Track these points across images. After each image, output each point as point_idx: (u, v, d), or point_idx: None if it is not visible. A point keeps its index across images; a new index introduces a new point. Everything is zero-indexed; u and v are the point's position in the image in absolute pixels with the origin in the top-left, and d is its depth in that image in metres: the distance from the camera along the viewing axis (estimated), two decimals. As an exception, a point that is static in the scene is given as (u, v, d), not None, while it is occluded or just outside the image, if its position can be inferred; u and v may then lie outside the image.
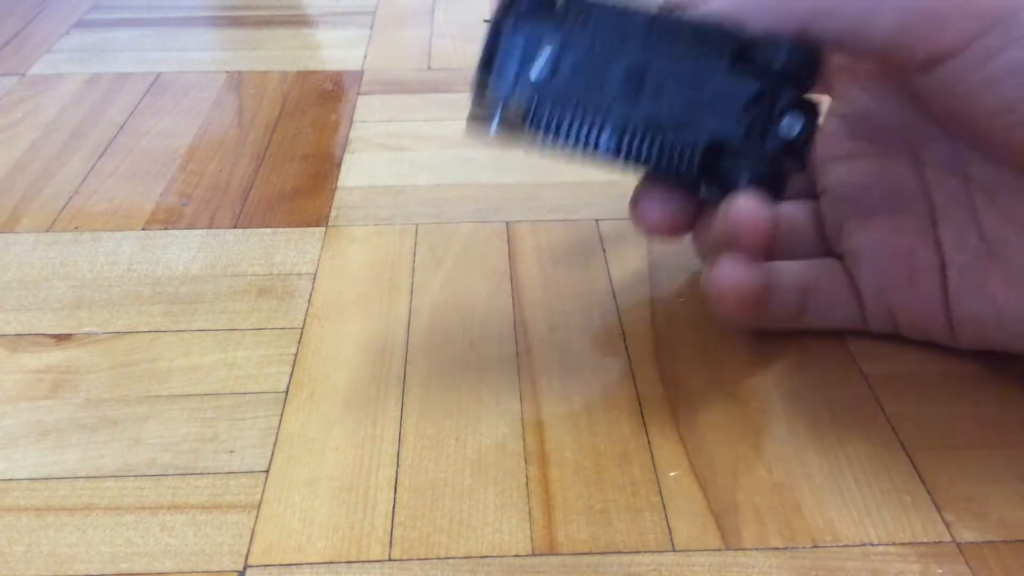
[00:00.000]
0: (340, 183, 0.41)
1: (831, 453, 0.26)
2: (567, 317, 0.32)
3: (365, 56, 0.55)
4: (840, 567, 0.23)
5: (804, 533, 0.24)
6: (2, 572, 0.23)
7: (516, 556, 0.24)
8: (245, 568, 0.23)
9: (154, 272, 0.35)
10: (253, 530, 0.24)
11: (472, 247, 0.36)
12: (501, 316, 0.32)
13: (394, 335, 0.31)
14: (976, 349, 0.29)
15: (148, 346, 0.31)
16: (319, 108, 0.48)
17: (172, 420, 0.28)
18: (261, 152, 0.44)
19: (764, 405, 0.28)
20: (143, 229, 0.38)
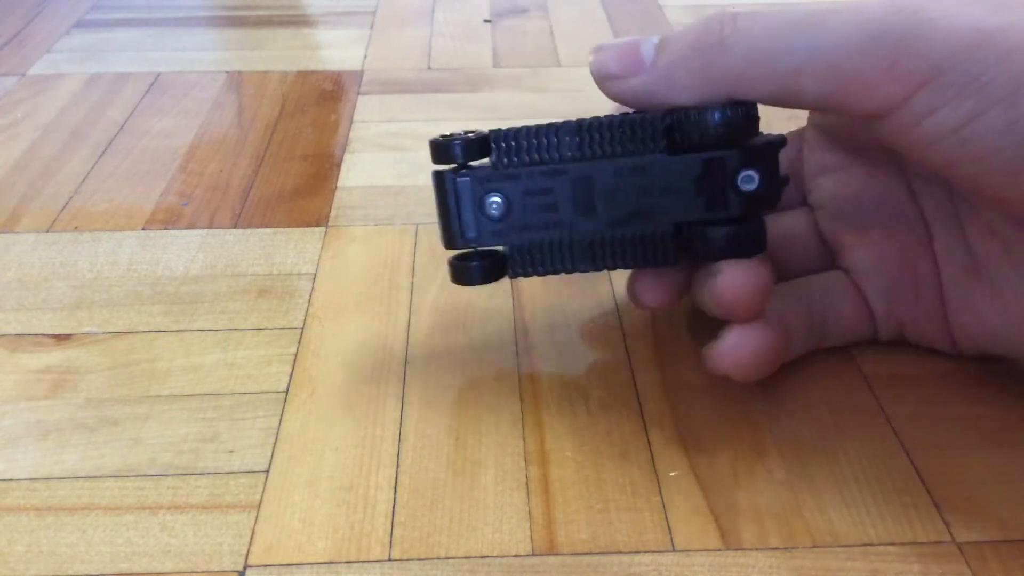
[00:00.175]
0: (340, 183, 0.41)
1: (831, 453, 0.26)
2: (567, 317, 0.32)
3: (365, 56, 0.55)
4: (840, 567, 0.23)
5: (804, 533, 0.24)
6: (2, 572, 0.23)
7: (516, 556, 0.24)
8: (245, 568, 0.23)
9: (154, 272, 0.35)
10: (253, 530, 0.24)
11: (472, 247, 0.36)
12: (501, 316, 0.32)
13: (394, 335, 0.31)
14: (979, 357, 0.29)
15: (148, 346, 0.31)
16: (319, 108, 0.48)
17: (172, 420, 0.28)
18: (261, 152, 0.44)
19: (764, 405, 0.28)
20: (143, 229, 0.38)
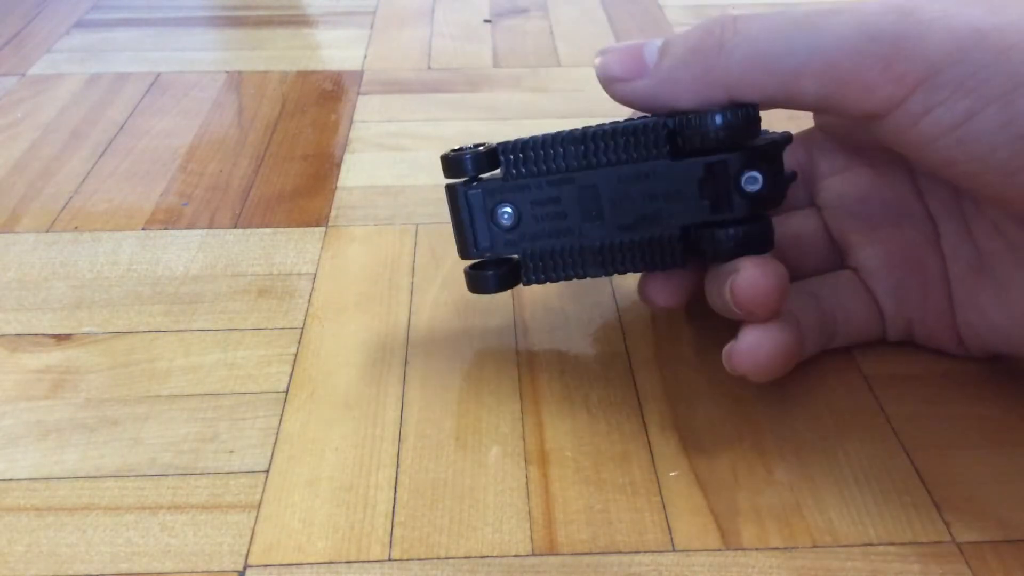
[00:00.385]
0: (340, 183, 0.41)
1: (831, 453, 0.26)
2: (567, 317, 0.32)
3: (365, 56, 0.55)
4: (840, 567, 0.23)
5: (804, 533, 0.24)
6: (2, 572, 0.23)
7: (516, 556, 0.24)
8: (245, 568, 0.23)
9: (154, 272, 0.35)
10: (253, 530, 0.24)
11: (472, 247, 0.36)
12: (501, 316, 0.32)
13: (394, 335, 0.31)
14: (985, 357, 0.29)
15: (148, 346, 0.31)
16: (319, 108, 0.48)
17: (172, 420, 0.28)
18: (261, 152, 0.44)
19: (764, 405, 0.28)
20: (143, 229, 0.38)
